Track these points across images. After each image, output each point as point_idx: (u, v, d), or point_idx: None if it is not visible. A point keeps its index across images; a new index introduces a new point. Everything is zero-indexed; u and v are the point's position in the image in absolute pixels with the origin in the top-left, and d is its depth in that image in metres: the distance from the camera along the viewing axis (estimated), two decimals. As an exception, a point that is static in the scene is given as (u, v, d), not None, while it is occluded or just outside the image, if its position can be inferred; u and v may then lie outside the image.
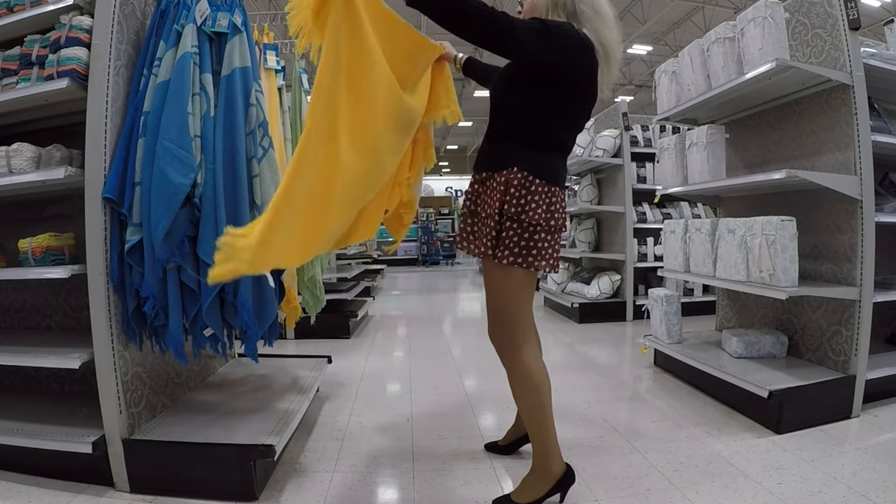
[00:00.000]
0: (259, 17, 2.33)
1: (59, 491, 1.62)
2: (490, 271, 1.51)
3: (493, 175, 1.49)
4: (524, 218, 1.42)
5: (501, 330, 1.51)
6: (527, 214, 1.42)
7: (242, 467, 1.59)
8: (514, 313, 1.49)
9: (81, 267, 1.59)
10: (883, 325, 2.59)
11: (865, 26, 2.58)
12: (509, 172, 1.44)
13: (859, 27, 2.08)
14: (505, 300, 1.49)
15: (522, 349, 1.49)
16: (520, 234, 1.43)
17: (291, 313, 2.39)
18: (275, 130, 2.10)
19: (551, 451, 1.52)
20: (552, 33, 1.35)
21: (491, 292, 1.53)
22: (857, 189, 2.05)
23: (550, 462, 1.52)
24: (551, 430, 1.52)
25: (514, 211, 1.42)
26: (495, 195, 1.46)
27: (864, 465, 1.72)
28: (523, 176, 1.43)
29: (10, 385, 2.14)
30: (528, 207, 1.42)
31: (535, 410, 1.50)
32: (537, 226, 1.43)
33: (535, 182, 1.43)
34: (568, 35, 1.38)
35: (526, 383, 1.49)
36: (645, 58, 12.71)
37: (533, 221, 1.42)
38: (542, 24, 1.35)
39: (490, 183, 1.50)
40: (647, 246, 4.53)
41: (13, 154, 1.68)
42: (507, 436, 1.93)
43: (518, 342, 1.49)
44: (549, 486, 1.52)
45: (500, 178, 1.46)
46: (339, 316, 3.99)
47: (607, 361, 3.33)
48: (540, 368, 1.51)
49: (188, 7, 1.65)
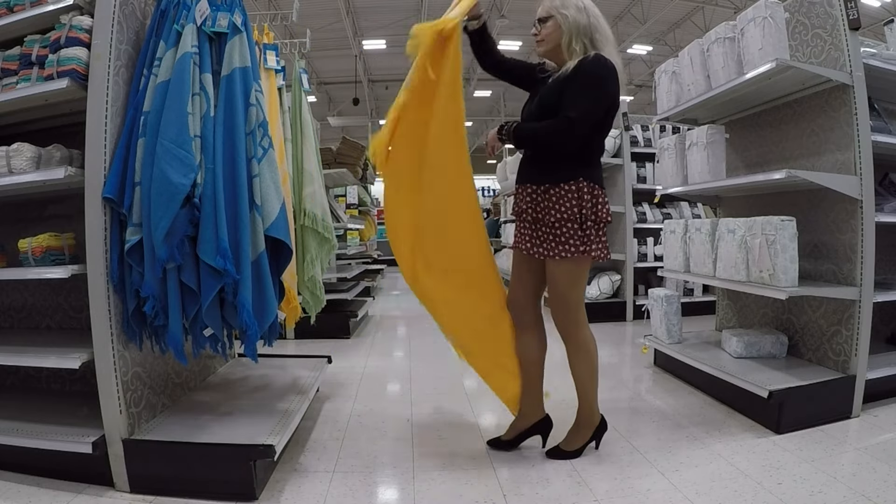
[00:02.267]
0: (259, 17, 2.32)
1: (59, 491, 1.62)
2: (558, 267, 1.77)
3: (559, 185, 1.73)
4: (596, 218, 1.72)
5: (566, 315, 1.82)
6: (597, 215, 1.73)
7: (242, 467, 1.59)
8: (577, 300, 1.82)
9: (81, 267, 1.59)
10: (883, 325, 2.59)
11: (865, 26, 2.57)
12: (577, 183, 1.71)
13: (859, 27, 2.07)
14: (569, 290, 1.80)
15: (584, 329, 1.83)
16: (593, 230, 1.73)
17: (291, 313, 2.39)
18: (275, 130, 2.10)
19: (594, 408, 1.87)
20: (607, 93, 1.69)
21: (556, 286, 1.80)
22: (857, 189, 2.05)
23: (593, 417, 1.87)
24: (596, 391, 1.86)
25: (589, 214, 1.71)
26: (568, 203, 1.71)
27: (864, 465, 1.72)
28: (589, 185, 1.72)
29: (9, 385, 2.14)
30: (596, 209, 1.73)
31: (591, 376, 1.84)
32: (602, 223, 1.75)
33: (595, 188, 1.73)
34: (612, 77, 1.68)
35: (586, 355, 1.82)
36: (645, 58, 12.71)
37: (601, 220, 1.74)
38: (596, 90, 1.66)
39: (555, 192, 1.73)
40: (647, 246, 4.53)
41: (13, 154, 1.68)
42: (510, 431, 1.95)
43: (580, 322, 1.82)
44: (590, 434, 1.87)
45: (567, 188, 1.72)
46: (339, 316, 3.98)
47: (607, 361, 3.32)
48: (595, 344, 1.85)
49: (188, 7, 1.65)
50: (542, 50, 1.78)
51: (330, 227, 2.65)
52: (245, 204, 1.63)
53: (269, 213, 1.68)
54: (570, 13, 1.67)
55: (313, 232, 2.57)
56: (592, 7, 1.72)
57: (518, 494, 1.62)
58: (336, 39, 10.89)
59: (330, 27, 10.26)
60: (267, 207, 1.68)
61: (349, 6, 10.00)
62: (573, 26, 1.67)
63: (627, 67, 13.49)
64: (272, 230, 1.68)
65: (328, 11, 9.74)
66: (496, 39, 1.99)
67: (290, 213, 2.17)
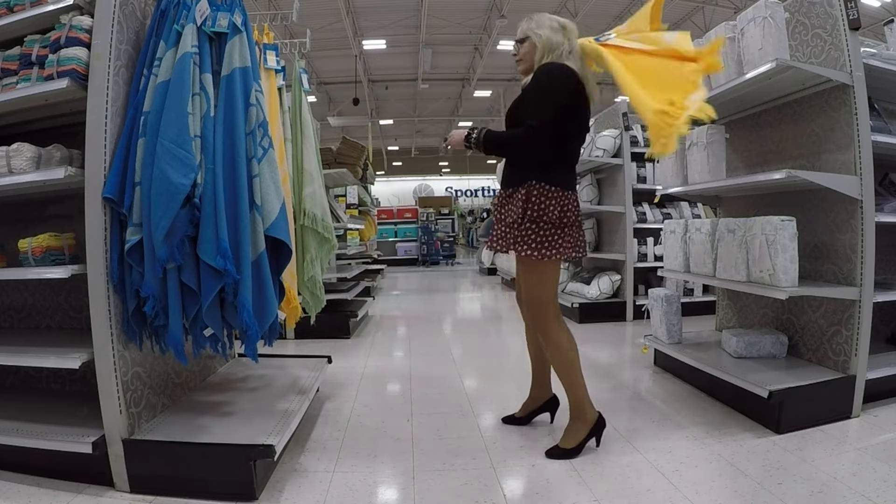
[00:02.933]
0: (259, 17, 2.31)
1: (59, 491, 1.62)
2: (522, 265, 1.90)
3: (517, 188, 1.82)
4: (544, 218, 1.77)
5: (533, 312, 1.90)
6: (546, 216, 1.77)
7: (242, 467, 1.59)
8: (544, 298, 1.87)
9: (81, 267, 1.59)
10: (883, 325, 2.58)
11: (865, 26, 2.57)
12: (527, 186, 1.79)
13: (859, 27, 2.07)
14: (534, 287, 1.88)
15: (553, 325, 1.87)
16: (538, 232, 1.78)
17: (291, 313, 2.39)
18: (275, 130, 2.10)
19: (585, 402, 1.89)
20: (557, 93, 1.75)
21: (524, 282, 1.92)
22: (857, 189, 2.05)
23: (585, 411, 1.88)
24: (582, 385, 1.89)
25: (535, 215, 1.77)
26: (519, 204, 1.79)
27: (864, 465, 1.72)
28: (540, 187, 1.78)
29: (9, 385, 2.14)
30: (546, 211, 1.77)
31: (569, 370, 1.88)
32: (553, 225, 1.78)
33: (551, 190, 1.78)
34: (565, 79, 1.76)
35: (559, 351, 1.87)
36: (645, 58, 12.70)
37: (552, 222, 1.77)
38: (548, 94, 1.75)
39: (515, 195, 1.83)
40: (647, 246, 4.53)
41: (13, 154, 1.68)
42: (523, 408, 2.16)
43: (549, 318, 1.87)
44: (587, 431, 1.88)
45: (522, 190, 1.80)
46: (339, 316, 3.98)
47: (607, 361, 3.32)
48: (568, 338, 1.88)
49: (188, 7, 1.65)
50: (522, 68, 1.91)
51: (330, 227, 2.64)
52: (245, 204, 1.63)
53: (269, 213, 1.68)
54: (543, 32, 1.82)
55: (313, 232, 2.57)
56: (565, 24, 1.86)
57: (518, 494, 1.62)
58: (336, 39, 10.90)
59: (330, 27, 10.26)
60: (267, 207, 1.68)
61: (349, 6, 10.00)
62: (546, 45, 1.81)
63: (627, 67, 13.51)
64: (272, 230, 1.68)
65: (328, 11, 9.74)
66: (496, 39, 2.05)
67: (290, 213, 2.17)
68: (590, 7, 9.74)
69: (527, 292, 1.91)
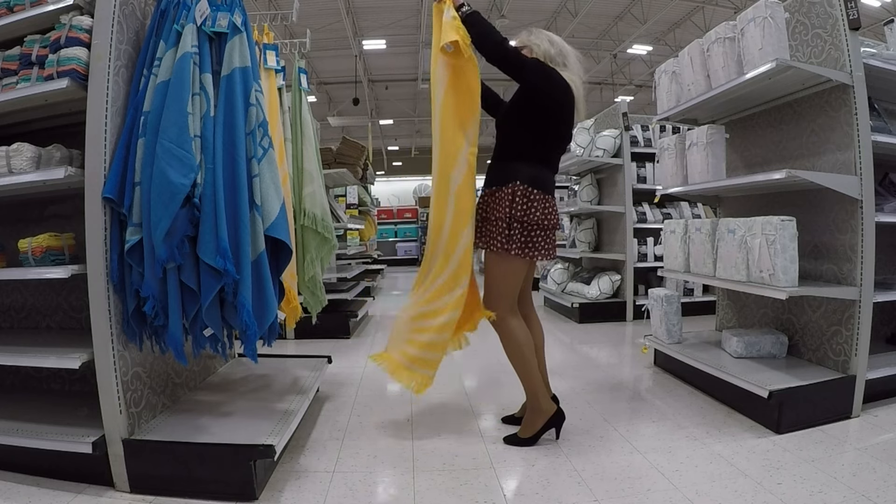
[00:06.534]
0: (259, 17, 2.31)
1: (59, 491, 1.62)
2: (491, 259, 1.95)
3: (500, 188, 1.91)
4: (527, 219, 1.86)
5: (490, 303, 1.96)
6: (528, 217, 1.86)
7: (242, 467, 1.59)
8: (502, 292, 1.94)
9: (81, 267, 1.59)
10: (883, 325, 2.59)
11: (865, 26, 2.58)
12: (513, 186, 1.88)
13: (859, 27, 2.07)
14: (495, 280, 1.95)
15: (507, 317, 1.94)
16: (523, 232, 1.87)
17: (291, 313, 2.39)
18: (275, 130, 2.10)
19: (539, 394, 1.96)
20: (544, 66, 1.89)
21: (489, 275, 1.97)
22: (857, 189, 2.05)
23: (540, 402, 1.95)
24: (536, 377, 1.96)
25: (519, 215, 1.86)
26: (501, 204, 1.88)
27: (864, 465, 1.72)
28: (524, 188, 1.87)
29: (9, 385, 2.14)
30: (530, 211, 1.86)
31: (520, 362, 1.95)
32: (534, 226, 1.87)
33: (532, 191, 1.88)
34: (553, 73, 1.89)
35: (510, 342, 1.95)
36: (645, 58, 12.69)
37: (533, 222, 1.86)
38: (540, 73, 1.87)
39: (497, 194, 1.91)
40: (647, 246, 4.53)
41: (13, 154, 1.68)
42: (523, 408, 2.13)
43: (504, 312, 1.94)
44: (543, 422, 1.95)
45: (505, 190, 1.89)
46: (339, 316, 3.99)
47: (607, 361, 3.33)
48: (521, 331, 1.95)
49: (188, 7, 1.65)
50: None
51: (330, 227, 2.64)
52: (245, 204, 1.63)
53: (269, 213, 1.68)
54: (542, 44, 1.94)
55: (313, 232, 2.57)
56: (561, 42, 1.98)
57: (518, 494, 1.62)
58: (336, 39, 10.89)
59: (330, 27, 10.25)
60: (267, 207, 1.68)
61: (349, 6, 9.99)
62: (544, 55, 1.92)
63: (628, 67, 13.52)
64: (272, 230, 1.68)
65: (328, 11, 9.74)
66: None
67: (290, 213, 2.17)
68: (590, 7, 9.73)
69: (490, 283, 1.96)
